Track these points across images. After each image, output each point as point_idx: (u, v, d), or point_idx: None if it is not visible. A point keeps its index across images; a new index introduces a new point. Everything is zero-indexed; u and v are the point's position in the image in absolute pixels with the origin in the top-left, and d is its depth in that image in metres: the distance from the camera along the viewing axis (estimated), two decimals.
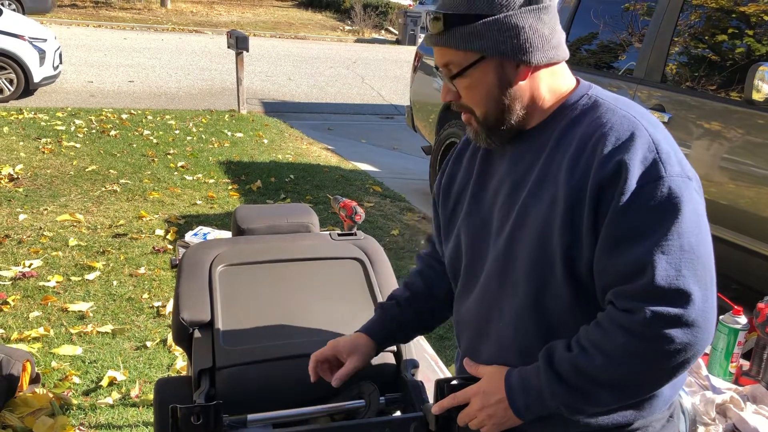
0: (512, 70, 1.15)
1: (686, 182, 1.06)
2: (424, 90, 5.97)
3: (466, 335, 1.32)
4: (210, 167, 6.21)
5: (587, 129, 1.13)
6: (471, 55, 1.14)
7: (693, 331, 1.01)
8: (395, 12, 23.08)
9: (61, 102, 8.63)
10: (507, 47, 1.13)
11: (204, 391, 1.50)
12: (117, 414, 2.66)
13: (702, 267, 1.04)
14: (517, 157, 1.22)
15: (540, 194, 1.15)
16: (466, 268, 1.31)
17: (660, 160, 1.06)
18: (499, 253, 1.21)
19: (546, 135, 1.19)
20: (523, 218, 1.16)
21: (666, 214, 1.03)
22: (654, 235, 1.03)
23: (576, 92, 1.20)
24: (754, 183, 3.18)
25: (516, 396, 1.14)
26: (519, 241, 1.17)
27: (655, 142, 1.08)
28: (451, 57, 1.16)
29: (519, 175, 1.21)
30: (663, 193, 1.04)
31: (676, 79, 3.62)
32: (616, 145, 1.08)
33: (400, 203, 5.73)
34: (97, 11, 20.09)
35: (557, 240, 1.11)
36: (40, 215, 4.69)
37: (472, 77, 1.16)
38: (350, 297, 1.78)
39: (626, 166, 1.05)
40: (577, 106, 1.18)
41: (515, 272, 1.18)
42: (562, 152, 1.14)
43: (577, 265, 1.11)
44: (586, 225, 1.08)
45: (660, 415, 1.20)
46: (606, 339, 1.05)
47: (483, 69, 1.15)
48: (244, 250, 1.86)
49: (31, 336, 3.14)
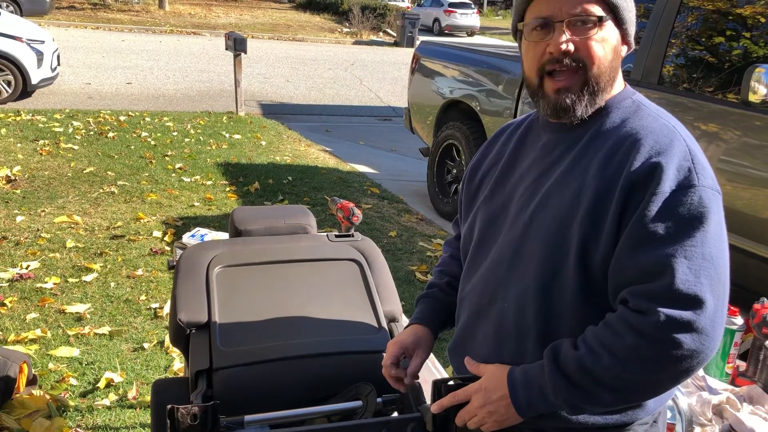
0: (620, 42, 1.20)
1: (716, 195, 1.09)
2: (422, 92, 5.97)
3: (466, 313, 1.33)
4: (208, 169, 6.21)
5: (626, 130, 1.15)
6: (606, 9, 1.16)
7: (701, 338, 1.02)
8: (393, 14, 23.11)
9: (58, 104, 8.62)
10: (631, 15, 1.20)
11: (201, 392, 1.50)
12: (114, 416, 2.66)
13: (718, 278, 1.05)
14: (549, 147, 1.24)
15: (566, 184, 1.16)
16: (475, 247, 1.32)
17: (695, 170, 1.08)
18: (515, 236, 1.22)
19: (583, 128, 1.20)
20: (545, 205, 1.18)
21: (693, 222, 1.05)
22: (679, 239, 1.04)
23: (623, 93, 1.23)
24: (751, 184, 3.18)
25: (518, 392, 1.14)
26: (537, 227, 1.18)
27: (691, 152, 1.10)
28: (590, 5, 1.15)
29: (548, 164, 1.22)
30: (694, 201, 1.06)
31: (674, 80, 3.63)
32: (655, 148, 1.10)
33: (398, 205, 5.74)
34: (95, 13, 20.09)
35: (576, 230, 1.12)
36: (37, 217, 4.69)
37: (605, 31, 1.17)
38: (347, 298, 1.78)
39: (662, 169, 1.07)
40: (621, 106, 1.20)
41: (528, 257, 1.19)
42: (596, 147, 1.16)
43: (590, 258, 1.12)
44: (610, 220, 1.09)
45: (644, 420, 1.21)
46: (615, 339, 1.06)
47: (611, 27, 1.18)
48: (241, 252, 1.86)
49: (28, 338, 3.14)
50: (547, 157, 1.23)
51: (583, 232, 1.11)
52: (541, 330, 1.18)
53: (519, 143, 1.33)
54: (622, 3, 1.18)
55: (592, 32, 1.15)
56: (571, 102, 1.17)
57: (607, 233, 1.10)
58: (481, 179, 1.37)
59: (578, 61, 1.15)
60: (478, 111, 5.12)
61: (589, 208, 1.11)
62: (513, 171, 1.30)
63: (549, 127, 1.26)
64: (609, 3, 1.16)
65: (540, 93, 1.20)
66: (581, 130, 1.20)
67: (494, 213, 1.29)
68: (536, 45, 1.18)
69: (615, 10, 1.17)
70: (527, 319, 1.19)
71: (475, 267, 1.32)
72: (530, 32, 1.19)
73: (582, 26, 1.15)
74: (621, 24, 1.19)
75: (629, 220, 1.08)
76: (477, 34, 27.04)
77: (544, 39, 1.17)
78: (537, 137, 1.29)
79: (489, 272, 1.27)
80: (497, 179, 1.32)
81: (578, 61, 1.15)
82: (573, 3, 1.14)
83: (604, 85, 1.18)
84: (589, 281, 1.13)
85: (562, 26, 1.14)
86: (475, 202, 1.36)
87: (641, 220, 1.06)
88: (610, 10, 1.16)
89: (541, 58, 1.18)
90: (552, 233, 1.15)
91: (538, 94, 1.21)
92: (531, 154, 1.28)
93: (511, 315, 1.21)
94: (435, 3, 27.13)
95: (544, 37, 1.17)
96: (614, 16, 1.17)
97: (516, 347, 1.21)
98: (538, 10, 1.17)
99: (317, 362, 1.60)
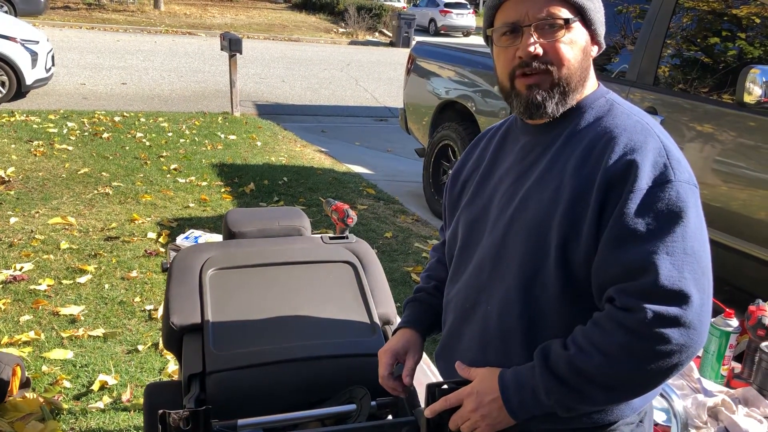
0: (590, 42, 1.21)
1: (693, 189, 1.10)
2: (417, 92, 5.97)
3: (452, 317, 1.33)
4: (203, 170, 6.19)
5: (600, 129, 1.17)
6: (573, 11, 1.17)
7: (689, 333, 1.03)
8: (389, 14, 23.12)
9: (53, 104, 8.59)
10: (600, 16, 1.21)
11: (194, 396, 1.49)
12: (108, 418, 2.64)
13: (702, 271, 1.06)
14: (527, 149, 1.25)
15: (544, 185, 1.17)
16: (459, 252, 1.33)
17: (670, 165, 1.09)
18: (495, 238, 1.23)
19: (559, 129, 1.22)
20: (525, 206, 1.19)
21: (672, 217, 1.06)
22: (659, 236, 1.05)
23: (597, 92, 1.24)
24: (746, 185, 3.18)
25: (510, 394, 1.14)
26: (517, 228, 1.19)
27: (666, 148, 1.12)
28: (556, 9, 1.16)
29: (526, 166, 1.23)
30: (671, 196, 1.06)
31: (669, 81, 3.63)
32: (629, 146, 1.11)
33: (394, 206, 5.73)
34: (90, 13, 20.04)
35: (555, 230, 1.13)
36: (31, 218, 4.67)
37: (573, 33, 1.18)
38: (341, 301, 1.77)
39: (637, 166, 1.08)
40: (595, 105, 1.22)
41: (509, 258, 1.20)
42: (572, 147, 1.17)
43: (571, 257, 1.13)
44: (590, 219, 1.10)
45: (629, 419, 1.21)
46: (604, 338, 1.06)
47: (578, 29, 1.19)
48: (235, 254, 1.85)
49: (21, 340, 3.12)
50: (525, 159, 1.24)
51: (563, 231, 1.12)
52: (525, 331, 1.18)
53: (498, 147, 1.34)
54: (589, 4, 1.19)
55: (560, 34, 1.16)
56: (542, 99, 1.18)
57: (587, 232, 1.11)
58: (462, 184, 1.39)
59: (547, 64, 1.17)
60: (474, 111, 5.12)
61: (568, 208, 1.12)
62: (493, 174, 1.31)
63: (526, 130, 1.27)
64: (575, 5, 1.17)
65: (513, 93, 1.22)
66: (557, 131, 1.22)
67: (475, 217, 1.30)
68: (506, 50, 1.20)
69: (582, 11, 1.18)
70: (511, 321, 1.19)
71: (460, 271, 1.32)
72: (499, 38, 1.21)
73: (549, 29, 1.16)
74: (589, 25, 1.20)
75: (608, 219, 1.09)
76: (473, 34, 27.05)
77: (514, 44, 1.18)
78: (515, 140, 1.30)
79: (472, 276, 1.27)
80: (478, 183, 1.33)
81: (547, 64, 1.17)
82: (539, 7, 1.16)
83: (575, 86, 1.19)
84: (571, 280, 1.14)
85: (530, 30, 1.16)
86: (458, 207, 1.37)
87: (621, 218, 1.07)
88: (577, 12, 1.18)
89: (512, 63, 1.19)
90: (532, 234, 1.16)
91: (511, 95, 1.23)
92: (509, 157, 1.29)
93: (494, 317, 1.22)
94: (431, 3, 27.15)
95: (513, 42, 1.18)
96: (582, 17, 1.19)
97: (501, 349, 1.21)
98: (505, 15, 1.19)
99: (311, 365, 1.59)
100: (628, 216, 1.07)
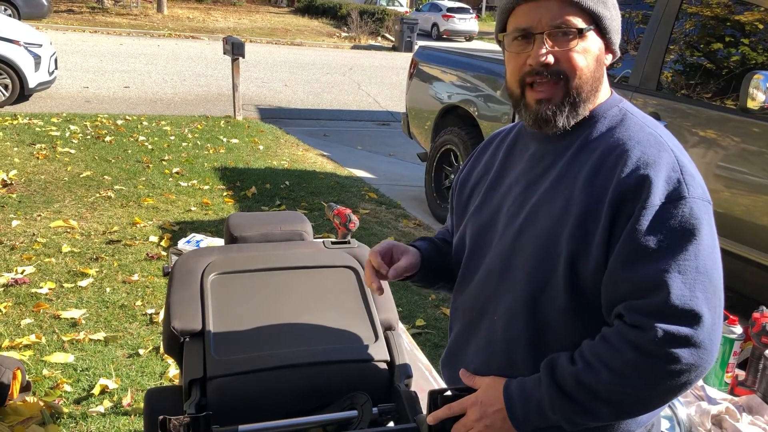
0: (603, 51, 1.18)
1: (706, 206, 1.07)
2: (420, 97, 5.97)
3: (459, 325, 1.32)
4: (205, 173, 6.19)
5: (613, 140, 1.13)
6: (588, 20, 1.14)
7: (699, 353, 1.02)
8: (392, 19, 23.16)
9: (56, 107, 8.61)
10: (616, 24, 1.19)
11: (195, 402, 1.48)
12: (108, 423, 2.63)
13: (713, 290, 1.04)
14: (537, 157, 1.22)
15: (554, 196, 1.15)
16: (467, 259, 1.31)
17: (684, 181, 1.06)
18: (504, 248, 1.21)
19: (570, 138, 1.19)
20: (534, 217, 1.16)
21: (685, 234, 1.04)
22: (672, 253, 1.03)
23: (609, 101, 1.21)
24: (750, 191, 3.17)
25: (515, 406, 1.12)
26: (525, 239, 1.17)
27: (680, 162, 1.09)
28: (571, 17, 1.13)
29: (535, 175, 1.21)
30: (685, 213, 1.04)
31: (672, 86, 3.63)
32: (642, 160, 1.08)
33: (396, 210, 5.72)
34: (93, 17, 20.10)
35: (564, 244, 1.11)
36: (33, 221, 4.67)
37: (587, 42, 1.15)
38: (343, 306, 1.76)
39: (650, 182, 1.05)
40: (608, 115, 1.18)
41: (517, 269, 1.18)
42: (584, 158, 1.14)
43: (580, 271, 1.11)
44: (600, 234, 1.08)
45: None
46: (613, 354, 1.05)
47: (593, 37, 1.16)
48: (237, 259, 1.84)
49: (22, 343, 3.12)
50: (535, 167, 1.22)
51: (572, 245, 1.10)
52: (531, 343, 1.16)
53: (507, 153, 1.32)
54: (605, 12, 1.15)
55: (573, 44, 1.13)
56: (552, 113, 1.15)
57: (597, 247, 1.08)
58: (471, 190, 1.36)
59: (559, 73, 1.14)
60: (476, 116, 5.11)
61: (578, 222, 1.10)
62: (501, 181, 1.28)
63: (536, 137, 1.24)
64: (591, 13, 1.14)
65: (522, 103, 1.19)
66: (568, 140, 1.19)
67: (484, 225, 1.28)
68: (517, 56, 1.17)
69: (597, 20, 1.15)
70: (516, 332, 1.18)
71: (468, 279, 1.31)
72: (511, 43, 1.18)
73: (563, 37, 1.13)
74: (605, 33, 1.17)
75: (620, 235, 1.06)
76: (475, 38, 27.10)
77: (525, 50, 1.15)
78: (525, 147, 1.27)
79: (479, 285, 1.26)
80: (486, 190, 1.31)
81: (559, 73, 1.14)
82: (554, 14, 1.12)
83: (587, 96, 1.16)
84: (579, 294, 1.12)
85: (543, 38, 1.13)
86: (466, 214, 1.35)
87: (632, 235, 1.05)
88: (592, 21, 1.15)
89: (522, 70, 1.16)
90: (541, 246, 1.14)
91: (520, 104, 1.20)
92: (519, 164, 1.26)
93: (500, 328, 1.20)
94: (433, 8, 27.20)
95: (524, 48, 1.15)
96: (597, 26, 1.15)
97: (506, 360, 1.20)
98: (518, 21, 1.16)
99: (312, 371, 1.58)
100: (640, 232, 1.04)
